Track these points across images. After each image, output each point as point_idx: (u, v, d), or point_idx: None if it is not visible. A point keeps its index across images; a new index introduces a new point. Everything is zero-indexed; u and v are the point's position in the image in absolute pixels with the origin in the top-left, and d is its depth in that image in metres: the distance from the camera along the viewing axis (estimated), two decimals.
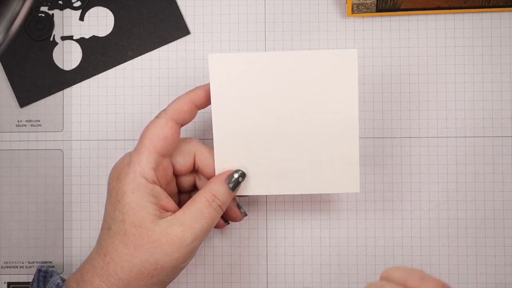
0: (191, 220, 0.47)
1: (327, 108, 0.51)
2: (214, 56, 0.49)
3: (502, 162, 0.55)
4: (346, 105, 0.50)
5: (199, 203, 0.48)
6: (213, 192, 0.49)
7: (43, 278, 0.48)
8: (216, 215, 0.48)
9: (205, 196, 0.48)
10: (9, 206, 0.56)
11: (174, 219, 0.47)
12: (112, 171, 0.49)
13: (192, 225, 0.47)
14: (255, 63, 0.50)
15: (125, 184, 0.47)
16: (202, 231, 0.48)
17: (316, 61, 0.50)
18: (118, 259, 0.46)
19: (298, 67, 0.50)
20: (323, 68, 0.50)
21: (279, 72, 0.50)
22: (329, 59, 0.50)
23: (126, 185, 0.47)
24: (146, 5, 0.56)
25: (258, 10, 0.56)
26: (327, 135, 0.51)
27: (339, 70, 0.50)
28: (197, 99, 0.50)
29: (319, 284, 0.55)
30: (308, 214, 0.55)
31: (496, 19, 0.55)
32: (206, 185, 0.49)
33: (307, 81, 0.50)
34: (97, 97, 0.56)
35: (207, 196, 0.48)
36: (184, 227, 0.47)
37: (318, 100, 0.51)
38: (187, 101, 0.49)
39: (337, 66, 0.50)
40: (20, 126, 0.56)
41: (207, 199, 0.48)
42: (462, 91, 0.55)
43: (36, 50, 0.56)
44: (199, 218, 0.48)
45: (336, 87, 0.50)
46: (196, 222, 0.47)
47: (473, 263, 0.54)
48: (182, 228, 0.47)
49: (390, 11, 0.54)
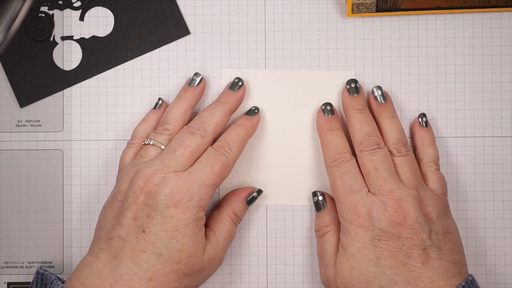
0: (223, 241, 0.51)
1: None
2: (227, 71, 0.55)
3: (502, 162, 0.55)
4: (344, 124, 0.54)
5: (226, 224, 0.51)
6: (235, 212, 0.52)
7: (40, 280, 0.48)
8: (235, 231, 0.53)
9: (229, 216, 0.52)
10: (9, 206, 0.56)
11: (211, 243, 0.50)
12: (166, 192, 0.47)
13: (224, 246, 0.51)
14: (262, 79, 0.55)
15: (189, 216, 0.47)
16: (227, 248, 0.52)
17: (317, 80, 0.55)
18: (165, 285, 0.47)
19: (300, 85, 0.55)
20: (323, 87, 0.55)
21: (282, 89, 0.55)
22: (329, 79, 0.55)
23: (190, 216, 0.47)
24: (146, 5, 0.56)
25: (258, 10, 0.56)
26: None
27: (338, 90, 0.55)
28: (251, 136, 0.53)
29: (319, 284, 0.55)
30: (308, 214, 0.55)
31: (496, 19, 0.55)
32: (227, 202, 0.53)
33: (308, 99, 0.55)
34: (97, 97, 0.56)
35: (231, 216, 0.52)
36: (218, 249, 0.50)
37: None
38: (247, 140, 0.52)
39: (336, 86, 0.55)
40: (20, 126, 0.56)
41: (231, 219, 0.52)
42: (462, 91, 0.55)
43: (36, 50, 0.56)
44: (228, 238, 0.51)
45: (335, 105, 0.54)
46: (226, 243, 0.51)
47: (473, 263, 0.54)
48: (217, 251, 0.50)
49: (390, 11, 0.54)
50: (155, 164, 0.48)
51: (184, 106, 0.52)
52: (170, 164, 0.48)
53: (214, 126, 0.51)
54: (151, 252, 0.46)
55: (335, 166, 0.50)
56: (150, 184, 0.47)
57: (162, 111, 0.54)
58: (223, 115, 0.51)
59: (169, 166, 0.48)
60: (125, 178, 0.49)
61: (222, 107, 0.52)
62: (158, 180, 0.48)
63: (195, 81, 0.54)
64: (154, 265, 0.46)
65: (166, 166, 0.48)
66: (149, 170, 0.48)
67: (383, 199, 0.48)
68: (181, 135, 0.50)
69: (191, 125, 0.51)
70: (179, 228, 0.47)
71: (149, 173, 0.48)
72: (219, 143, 0.50)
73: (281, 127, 0.55)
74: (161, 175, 0.48)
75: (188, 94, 0.53)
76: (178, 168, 0.48)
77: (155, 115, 0.54)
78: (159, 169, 0.48)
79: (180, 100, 0.53)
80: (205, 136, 0.50)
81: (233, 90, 0.53)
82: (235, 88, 0.53)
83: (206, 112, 0.51)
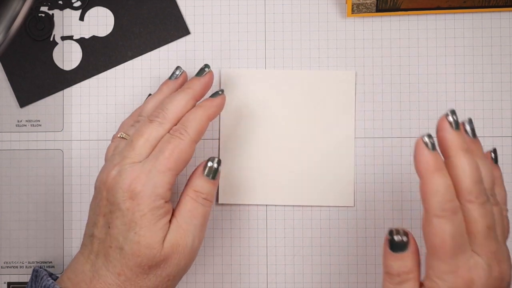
0: (185, 223, 0.47)
1: (326, 125, 0.55)
2: (226, 71, 0.55)
3: (502, 162, 0.55)
4: (343, 124, 0.55)
5: (186, 203, 0.48)
6: (194, 188, 0.48)
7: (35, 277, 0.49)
8: (205, 209, 0.49)
9: (189, 194, 0.48)
10: (9, 206, 0.56)
11: (172, 229, 0.47)
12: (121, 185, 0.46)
13: (187, 228, 0.47)
14: (262, 79, 0.55)
15: (144, 206, 0.46)
16: (198, 229, 0.48)
17: (316, 80, 0.55)
18: (134, 279, 0.46)
19: (300, 85, 0.55)
20: (323, 87, 0.55)
21: (282, 89, 0.55)
22: (329, 78, 0.55)
23: (145, 207, 0.46)
24: (146, 5, 0.56)
25: (258, 10, 0.56)
26: (325, 151, 0.55)
27: (338, 90, 0.55)
28: (213, 117, 0.50)
29: (319, 284, 0.55)
30: (308, 214, 0.55)
31: (496, 19, 0.55)
32: (187, 182, 0.49)
33: (308, 99, 0.55)
34: (97, 97, 0.56)
35: (190, 194, 0.48)
36: (181, 233, 0.47)
37: (317, 117, 0.55)
38: (207, 120, 0.49)
39: (336, 86, 0.55)
40: (20, 126, 0.56)
41: (191, 197, 0.48)
42: (462, 91, 0.55)
43: (36, 50, 0.56)
44: (190, 219, 0.48)
45: (335, 105, 0.55)
46: (190, 224, 0.48)
47: None
48: (180, 235, 0.47)
49: (390, 11, 0.54)
50: (115, 158, 0.48)
51: (161, 99, 0.51)
52: (129, 155, 0.47)
53: (174, 112, 0.49)
54: (115, 247, 0.46)
55: (445, 218, 0.40)
56: (109, 179, 0.47)
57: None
58: (185, 100, 0.49)
59: (127, 158, 0.47)
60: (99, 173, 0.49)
61: (184, 93, 0.50)
62: (115, 174, 0.47)
63: (175, 74, 0.53)
64: (120, 259, 0.46)
65: (124, 158, 0.47)
66: (110, 164, 0.48)
67: (488, 261, 0.40)
68: (140, 124, 0.49)
69: (152, 113, 0.49)
70: (135, 220, 0.46)
71: (109, 167, 0.47)
72: (175, 126, 0.48)
73: (281, 127, 0.55)
74: (119, 168, 0.47)
75: (166, 87, 0.52)
76: (135, 159, 0.47)
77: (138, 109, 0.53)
78: (118, 161, 0.47)
79: (158, 93, 0.52)
80: (164, 123, 0.48)
81: (198, 76, 0.51)
82: (202, 74, 0.51)
83: (167, 99, 0.50)
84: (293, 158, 0.55)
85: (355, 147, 0.55)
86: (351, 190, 0.55)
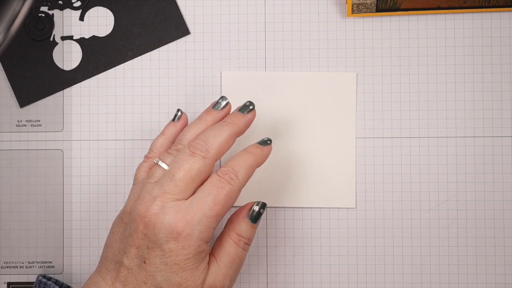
0: (225, 267, 0.47)
1: (327, 127, 0.55)
2: (227, 73, 0.55)
3: (502, 162, 0.55)
4: (345, 125, 0.55)
5: (228, 247, 0.48)
6: (237, 232, 0.48)
7: None
8: (244, 254, 0.48)
9: (231, 238, 0.48)
10: (9, 206, 0.56)
11: (212, 270, 0.47)
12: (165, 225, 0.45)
13: (227, 272, 0.47)
14: (263, 81, 0.55)
15: (190, 250, 0.45)
16: (235, 273, 0.48)
17: (317, 82, 0.55)
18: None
19: (301, 86, 0.55)
20: (324, 88, 0.55)
21: (283, 91, 0.55)
22: (330, 80, 0.55)
23: (190, 251, 0.45)
24: (146, 5, 0.56)
25: (258, 10, 0.56)
26: (326, 153, 0.55)
27: (339, 92, 0.55)
28: (260, 165, 0.49)
29: (319, 284, 0.55)
30: (308, 214, 0.55)
31: (496, 19, 0.55)
32: (229, 224, 0.49)
33: (309, 100, 0.55)
34: (97, 97, 0.56)
35: (232, 238, 0.48)
36: (221, 276, 0.47)
37: (319, 119, 0.55)
38: (255, 168, 0.48)
39: (337, 88, 0.55)
40: (20, 126, 0.56)
41: (233, 241, 0.48)
42: (462, 91, 0.55)
43: (36, 50, 0.56)
44: (230, 263, 0.48)
45: (336, 107, 0.55)
46: (229, 268, 0.47)
47: (473, 263, 0.54)
48: (219, 278, 0.47)
49: (390, 11, 0.54)
50: (155, 190, 0.46)
51: (203, 128, 0.49)
52: (170, 190, 0.46)
53: (218, 148, 0.47)
54: (151, 284, 0.45)
55: None
56: (149, 214, 0.45)
57: (182, 123, 0.52)
58: (228, 136, 0.48)
59: (169, 193, 0.46)
60: (132, 197, 0.48)
61: (228, 128, 0.48)
62: (157, 210, 0.45)
63: (220, 104, 0.51)
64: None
65: (165, 193, 0.46)
66: (149, 196, 0.46)
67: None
68: (181, 157, 0.47)
69: (193, 144, 0.47)
70: (178, 262, 0.45)
71: (149, 200, 0.46)
72: (225, 169, 0.47)
73: (281, 129, 0.55)
74: (160, 203, 0.45)
75: (210, 117, 0.50)
76: (178, 195, 0.46)
77: (173, 128, 0.52)
78: (158, 195, 0.46)
79: (200, 122, 0.50)
80: (207, 158, 0.46)
81: (242, 113, 0.50)
82: (245, 111, 0.50)
83: (210, 132, 0.48)
84: (294, 160, 0.55)
85: (356, 147, 0.55)
86: (353, 192, 0.55)
